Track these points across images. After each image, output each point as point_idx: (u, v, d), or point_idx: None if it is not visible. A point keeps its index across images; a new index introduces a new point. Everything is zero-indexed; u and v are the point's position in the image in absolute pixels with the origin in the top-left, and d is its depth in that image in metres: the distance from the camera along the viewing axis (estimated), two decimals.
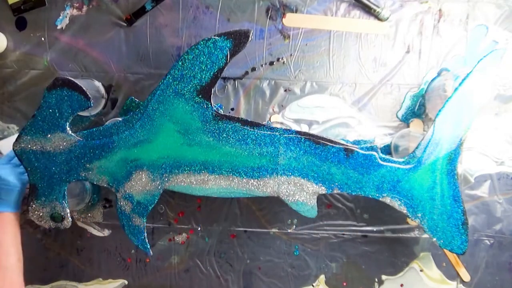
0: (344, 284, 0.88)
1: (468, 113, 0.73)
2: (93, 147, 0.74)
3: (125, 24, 0.88)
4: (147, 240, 0.76)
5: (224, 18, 0.88)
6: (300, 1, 0.87)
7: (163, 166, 0.74)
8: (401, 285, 0.87)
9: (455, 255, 0.86)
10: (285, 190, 0.74)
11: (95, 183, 0.75)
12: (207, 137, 0.74)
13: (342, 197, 0.87)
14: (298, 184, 0.74)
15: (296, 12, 0.87)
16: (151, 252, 0.77)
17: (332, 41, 0.87)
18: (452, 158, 0.74)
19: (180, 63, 0.73)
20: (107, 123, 0.83)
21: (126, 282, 0.90)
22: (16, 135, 0.75)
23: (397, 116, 0.87)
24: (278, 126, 0.79)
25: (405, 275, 0.87)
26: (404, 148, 0.82)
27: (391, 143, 0.83)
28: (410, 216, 0.74)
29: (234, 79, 0.88)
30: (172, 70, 0.73)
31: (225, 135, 0.73)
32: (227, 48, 0.72)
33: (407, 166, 0.73)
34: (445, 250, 0.79)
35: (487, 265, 0.87)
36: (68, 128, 0.74)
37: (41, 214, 0.76)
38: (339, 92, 0.87)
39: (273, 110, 0.88)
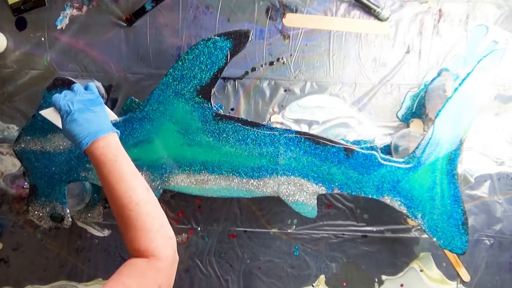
0: (344, 284, 0.88)
1: (468, 113, 0.73)
2: None
3: (125, 24, 0.88)
4: None
5: (224, 18, 0.88)
6: (300, 1, 0.87)
7: (163, 166, 0.74)
8: (401, 285, 0.87)
9: (455, 255, 0.86)
10: (285, 190, 0.74)
11: (95, 183, 0.76)
12: (207, 137, 0.74)
13: (342, 197, 0.87)
14: (298, 184, 0.74)
15: (296, 12, 0.87)
16: None
17: (332, 41, 0.87)
18: (452, 158, 0.74)
19: (180, 63, 0.73)
20: None
21: None
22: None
23: (397, 116, 0.87)
24: (278, 126, 0.79)
25: (405, 275, 0.87)
26: (404, 148, 0.82)
27: (391, 143, 0.83)
28: (410, 216, 0.74)
29: (234, 79, 0.88)
30: (172, 70, 0.73)
31: (225, 135, 0.73)
32: (227, 48, 0.72)
33: (407, 166, 0.73)
34: (445, 250, 0.79)
35: (487, 265, 0.87)
36: None
37: (41, 214, 0.76)
38: (339, 92, 0.87)
39: (273, 110, 0.88)
